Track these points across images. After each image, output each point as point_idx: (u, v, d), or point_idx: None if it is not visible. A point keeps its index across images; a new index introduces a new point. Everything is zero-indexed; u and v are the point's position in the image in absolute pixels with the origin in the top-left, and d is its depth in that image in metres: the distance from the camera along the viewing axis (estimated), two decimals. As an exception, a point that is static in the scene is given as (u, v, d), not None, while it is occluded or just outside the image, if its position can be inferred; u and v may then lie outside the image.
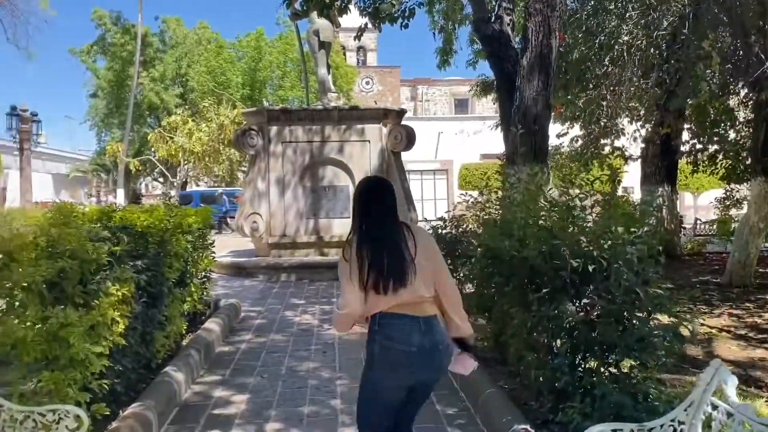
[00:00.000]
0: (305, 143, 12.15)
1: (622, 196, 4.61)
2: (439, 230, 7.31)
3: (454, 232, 7.16)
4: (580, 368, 3.62)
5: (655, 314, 3.51)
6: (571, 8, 11.43)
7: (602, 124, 12.67)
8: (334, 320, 2.79)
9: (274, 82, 36.74)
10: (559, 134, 13.62)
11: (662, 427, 2.81)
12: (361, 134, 12.18)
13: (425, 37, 73.25)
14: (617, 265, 3.45)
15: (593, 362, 3.64)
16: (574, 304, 3.62)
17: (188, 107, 34.89)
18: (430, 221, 8.65)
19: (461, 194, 7.56)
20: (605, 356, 3.56)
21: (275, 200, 12.00)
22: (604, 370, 3.58)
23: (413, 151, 13.35)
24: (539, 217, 4.09)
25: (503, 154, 8.03)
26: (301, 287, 10.14)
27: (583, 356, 3.64)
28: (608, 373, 3.57)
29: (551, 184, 6.91)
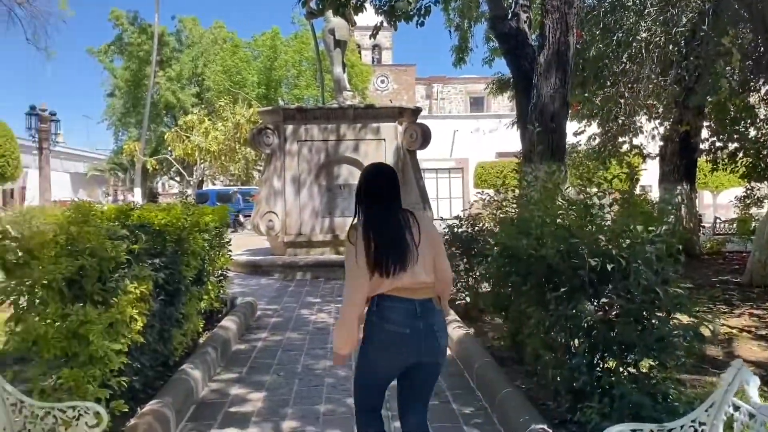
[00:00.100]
0: (320, 142, 12.17)
1: (640, 194, 4.57)
2: (455, 229, 7.30)
3: (470, 230, 7.14)
4: (598, 368, 3.59)
5: (674, 314, 3.47)
6: (588, 5, 11.33)
7: (620, 121, 12.55)
8: (342, 308, 2.79)
9: (289, 81, 36.91)
10: (576, 132, 13.52)
11: (683, 427, 2.78)
12: (376, 133, 12.17)
13: (440, 35, 73.18)
14: (636, 264, 3.42)
15: (612, 362, 3.61)
16: (592, 303, 3.59)
17: (204, 106, 35.13)
18: (445, 220, 8.64)
19: (477, 193, 7.53)
20: (624, 356, 3.52)
21: (291, 199, 12.03)
22: (622, 370, 3.55)
23: (428, 149, 13.31)
24: (557, 215, 4.06)
25: (520, 152, 7.99)
26: (316, 286, 10.17)
27: (601, 356, 3.61)
28: (627, 373, 3.54)
29: (568, 182, 6.86)
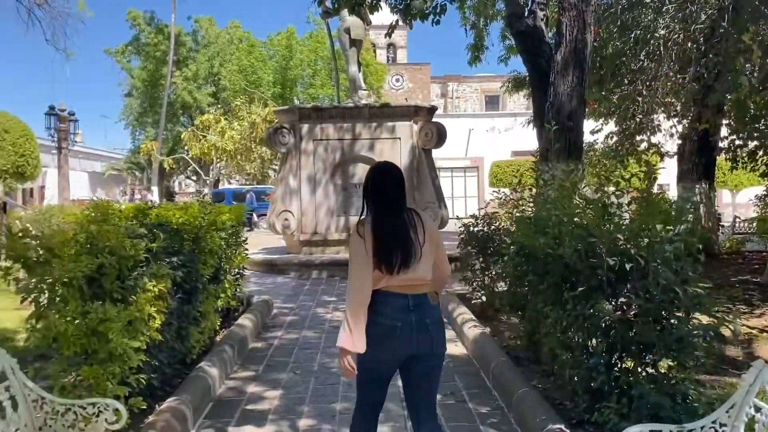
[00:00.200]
0: (336, 141, 12.19)
1: (658, 193, 4.53)
2: (470, 228, 7.27)
3: (485, 229, 7.11)
4: (616, 368, 3.57)
5: (693, 314, 3.43)
6: (605, 2, 11.24)
7: (638, 120, 12.44)
8: (348, 302, 2.81)
9: (304, 80, 37.01)
10: (593, 131, 13.42)
11: (703, 428, 2.76)
12: (391, 131, 12.16)
13: (455, 33, 72.92)
14: (655, 263, 3.39)
15: (630, 362, 3.58)
16: (610, 302, 3.56)
17: (220, 106, 35.35)
18: (460, 218, 8.62)
19: (493, 191, 7.49)
20: (642, 356, 3.49)
21: (306, 198, 12.06)
22: (641, 370, 3.52)
23: (444, 148, 13.27)
24: (575, 214, 4.03)
25: (537, 150, 7.95)
26: (332, 284, 10.19)
27: (619, 356, 3.58)
28: (645, 373, 3.51)
29: (585, 181, 6.81)
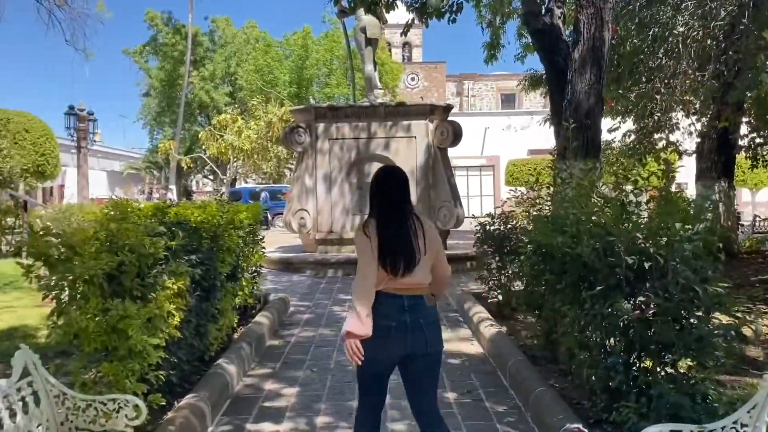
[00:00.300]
0: (352, 140, 12.20)
1: (676, 191, 4.49)
2: (487, 226, 7.25)
3: (502, 228, 7.08)
4: (635, 367, 3.54)
5: (713, 313, 3.40)
6: (623, -1, 11.14)
7: (656, 118, 12.31)
8: (355, 294, 2.90)
9: (320, 79, 37.08)
10: (610, 129, 13.31)
11: (723, 429, 2.73)
12: (407, 130, 12.15)
13: (471, 31, 72.66)
14: (674, 262, 3.36)
15: (648, 361, 3.56)
16: (629, 301, 3.54)
17: (237, 105, 35.54)
18: (476, 217, 8.58)
19: (510, 190, 7.46)
20: (662, 355, 3.47)
21: (322, 197, 12.10)
22: (660, 369, 3.49)
23: (459, 147, 13.22)
24: (593, 213, 4.01)
25: (554, 148, 7.90)
26: (347, 283, 10.20)
27: (638, 355, 3.56)
28: (664, 372, 3.48)
29: (602, 180, 6.75)
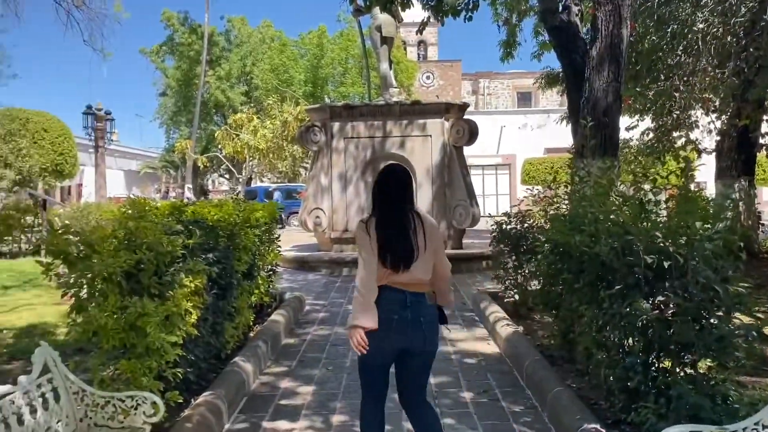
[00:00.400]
0: (367, 139, 12.19)
1: (696, 190, 4.43)
2: (503, 225, 7.21)
3: (518, 227, 7.05)
4: (653, 368, 3.50)
5: (734, 313, 3.35)
6: (641, -4, 11.02)
7: (675, 116, 12.17)
8: (358, 288, 3.00)
9: (335, 78, 37.13)
10: (628, 127, 13.18)
11: (745, 430, 2.70)
12: (422, 129, 12.12)
13: (487, 29, 72.35)
14: (694, 261, 3.32)
15: (668, 362, 3.51)
16: (647, 301, 3.50)
17: (253, 105, 35.69)
18: (492, 216, 8.55)
19: (527, 189, 7.41)
20: (681, 356, 3.42)
21: (337, 195, 12.11)
22: (679, 370, 3.45)
23: (475, 145, 13.19)
24: (611, 211, 3.97)
25: (572, 147, 7.84)
26: (363, 282, 10.20)
27: (657, 355, 3.52)
28: (684, 373, 3.44)
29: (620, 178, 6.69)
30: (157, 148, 46.45)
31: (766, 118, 12.38)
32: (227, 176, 40.74)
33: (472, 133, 12.03)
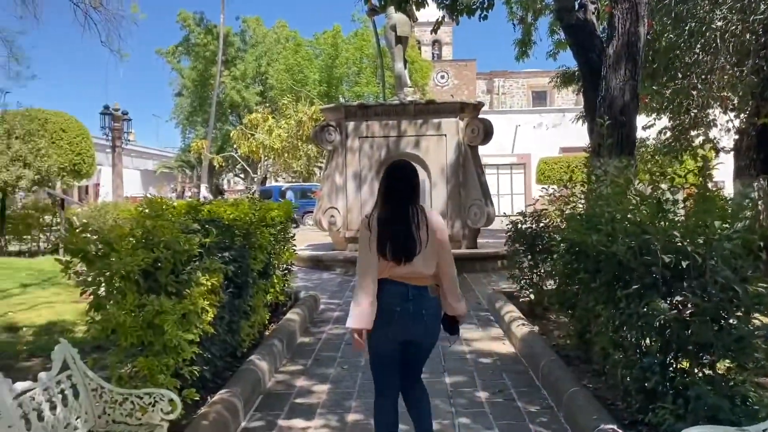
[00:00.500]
0: (381, 138, 12.19)
1: (714, 190, 4.39)
2: (518, 225, 7.19)
3: (534, 226, 7.02)
4: (671, 368, 3.47)
5: (753, 313, 3.31)
6: (658, -6, 10.91)
7: (692, 114, 12.05)
8: (359, 284, 3.09)
9: (350, 78, 37.20)
10: (644, 126, 13.05)
11: (765, 431, 2.66)
12: (437, 128, 12.09)
13: (501, 28, 72.02)
14: (713, 261, 3.28)
15: (686, 362, 3.48)
16: (665, 301, 3.47)
17: (268, 105, 35.83)
18: (508, 216, 8.51)
19: (543, 188, 7.38)
20: (699, 356, 3.39)
21: (352, 195, 12.12)
22: (697, 370, 3.42)
23: (490, 145, 13.14)
24: (628, 210, 3.94)
25: (588, 146, 7.79)
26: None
27: (675, 356, 3.49)
28: (702, 374, 3.41)
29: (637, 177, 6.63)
30: (173, 147, 46.88)
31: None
32: (242, 176, 40.95)
33: (487, 132, 11.98)
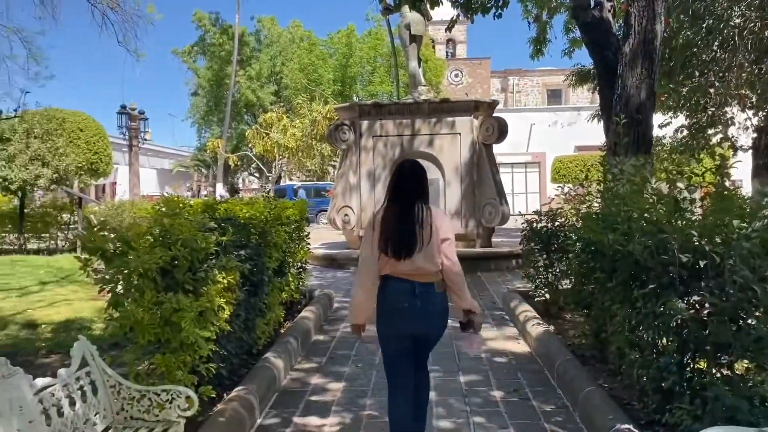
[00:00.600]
0: (395, 137, 12.20)
1: (732, 189, 4.34)
2: (533, 224, 7.16)
3: (549, 225, 6.99)
4: (688, 368, 3.45)
5: (771, 314, 3.28)
6: (676, -9, 10.82)
7: (709, 113, 11.94)
8: (356, 280, 3.23)
9: (364, 77, 37.22)
10: (661, 125, 12.95)
11: (784, 433, 2.63)
12: (451, 127, 12.08)
13: (516, 26, 71.69)
14: (731, 260, 3.25)
15: (703, 362, 3.45)
16: (682, 300, 3.44)
17: (283, 104, 35.96)
18: (523, 215, 8.48)
19: (558, 187, 7.34)
20: (717, 356, 3.36)
21: (366, 193, 12.14)
22: (715, 371, 3.39)
23: (504, 143, 13.09)
24: (645, 209, 3.91)
25: (604, 144, 7.74)
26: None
27: (692, 356, 3.46)
28: (720, 374, 3.37)
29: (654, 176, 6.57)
30: (189, 147, 47.12)
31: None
32: (257, 175, 41.15)
33: (501, 130, 11.95)
